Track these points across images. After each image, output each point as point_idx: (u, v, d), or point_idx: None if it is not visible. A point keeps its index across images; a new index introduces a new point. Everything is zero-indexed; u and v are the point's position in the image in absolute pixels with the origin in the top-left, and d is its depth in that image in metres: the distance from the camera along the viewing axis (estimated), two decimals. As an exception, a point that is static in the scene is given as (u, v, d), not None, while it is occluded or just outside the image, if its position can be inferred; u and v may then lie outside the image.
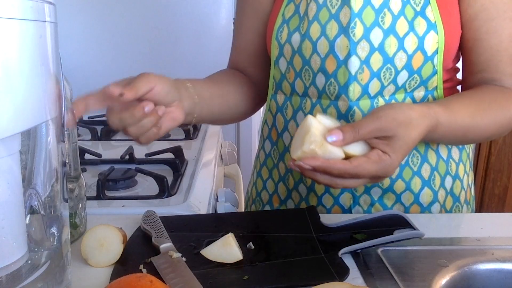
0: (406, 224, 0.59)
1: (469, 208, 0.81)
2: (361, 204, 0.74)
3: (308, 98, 0.73)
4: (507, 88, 0.70)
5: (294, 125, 0.76)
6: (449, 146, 0.75)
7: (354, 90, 0.68)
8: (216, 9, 1.70)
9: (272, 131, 0.81)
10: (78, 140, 1.24)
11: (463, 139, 0.69)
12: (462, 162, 0.77)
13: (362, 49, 0.67)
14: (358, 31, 0.66)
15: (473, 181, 0.82)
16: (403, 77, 0.68)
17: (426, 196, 0.73)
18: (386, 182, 0.72)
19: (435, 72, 0.69)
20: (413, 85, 0.69)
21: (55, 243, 0.44)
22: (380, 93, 0.69)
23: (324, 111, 0.72)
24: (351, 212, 0.74)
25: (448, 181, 0.75)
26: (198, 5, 1.68)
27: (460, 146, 0.77)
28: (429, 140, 0.69)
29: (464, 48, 0.72)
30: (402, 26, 0.66)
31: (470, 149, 0.80)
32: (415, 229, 0.57)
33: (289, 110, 0.77)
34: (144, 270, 0.52)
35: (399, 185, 0.72)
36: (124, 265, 0.54)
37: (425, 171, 0.73)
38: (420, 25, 0.66)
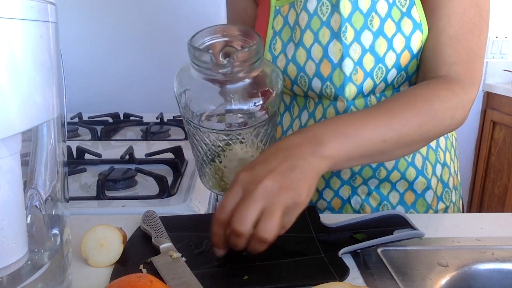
0: (406, 224, 0.59)
1: (457, 194, 0.84)
2: (359, 194, 0.77)
3: (310, 99, 0.76)
4: (432, 81, 0.66)
5: (298, 124, 0.78)
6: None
7: (350, 91, 0.71)
8: (216, 9, 1.70)
9: (277, 129, 0.83)
10: (78, 140, 1.24)
11: (377, 145, 0.58)
12: (448, 150, 0.81)
13: (355, 51, 0.69)
14: (349, 34, 0.69)
15: (459, 168, 0.86)
16: (392, 74, 0.71)
17: (420, 184, 0.77)
18: (383, 173, 0.75)
19: (418, 67, 0.72)
20: (400, 81, 0.72)
21: (56, 243, 0.44)
22: (373, 91, 0.72)
23: (325, 111, 0.74)
24: (350, 202, 0.77)
25: (438, 168, 0.79)
26: (198, 5, 1.68)
27: (445, 135, 0.80)
28: (332, 161, 0.54)
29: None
30: (390, 28, 0.68)
31: (453, 138, 0.83)
32: (415, 229, 0.58)
33: (295, 109, 0.79)
34: (144, 270, 0.52)
35: (395, 175, 0.75)
36: (124, 265, 0.54)
37: (418, 161, 0.76)
38: (407, 25, 0.69)
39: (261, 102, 0.58)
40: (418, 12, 0.69)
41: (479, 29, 0.67)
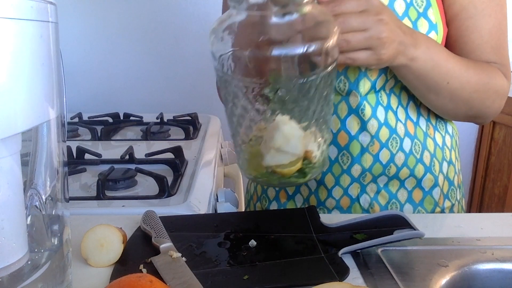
0: (406, 224, 0.59)
1: (460, 192, 0.85)
2: (368, 192, 0.77)
3: None
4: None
5: None
6: (442, 134, 0.79)
7: (364, 86, 0.72)
8: (216, 9, 1.69)
9: None
10: (78, 140, 1.24)
11: (442, 82, 0.67)
12: (453, 149, 0.82)
13: None
14: None
15: (461, 167, 0.87)
16: None
17: (428, 181, 0.77)
18: (393, 170, 0.75)
19: None
20: None
21: (56, 243, 0.44)
22: (383, 87, 0.73)
23: (336, 107, 0.74)
24: (358, 201, 0.77)
25: (445, 166, 0.80)
26: (198, 5, 1.68)
27: (450, 133, 0.81)
28: (410, 63, 0.64)
29: (447, 44, 0.76)
30: None
31: (457, 136, 0.84)
32: (415, 229, 0.58)
33: None
34: (144, 270, 0.52)
35: (404, 172, 0.76)
36: (124, 265, 0.54)
37: (426, 158, 0.76)
38: (423, 25, 0.69)
39: (316, 47, 0.48)
40: (434, 14, 0.70)
41: (507, 36, 0.75)
